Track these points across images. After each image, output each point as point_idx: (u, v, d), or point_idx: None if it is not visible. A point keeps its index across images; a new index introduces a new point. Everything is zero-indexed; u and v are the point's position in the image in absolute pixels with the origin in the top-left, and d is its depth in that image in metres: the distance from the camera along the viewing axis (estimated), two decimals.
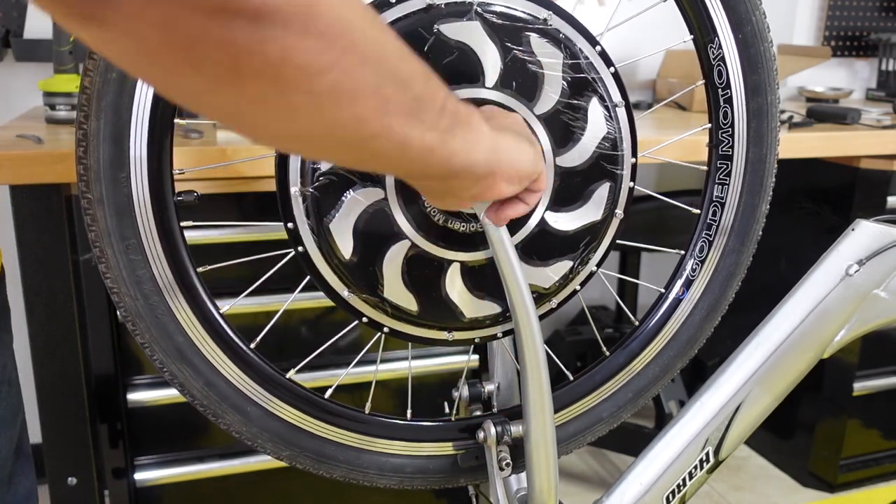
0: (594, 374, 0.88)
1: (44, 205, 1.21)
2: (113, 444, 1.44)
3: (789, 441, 2.11)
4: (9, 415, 0.74)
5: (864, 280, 0.84)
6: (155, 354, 0.72)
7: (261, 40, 0.36)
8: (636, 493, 0.85)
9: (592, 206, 0.76)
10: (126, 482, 1.44)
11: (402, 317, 0.75)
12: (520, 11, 0.71)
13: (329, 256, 0.71)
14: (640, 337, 0.89)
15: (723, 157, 0.86)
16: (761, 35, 0.83)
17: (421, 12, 0.68)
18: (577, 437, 0.88)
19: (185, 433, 1.46)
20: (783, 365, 0.86)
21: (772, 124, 0.85)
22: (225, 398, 0.75)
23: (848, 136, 1.77)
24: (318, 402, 0.79)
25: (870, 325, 0.86)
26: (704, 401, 0.87)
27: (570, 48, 0.72)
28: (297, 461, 0.79)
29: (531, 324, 0.73)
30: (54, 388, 1.32)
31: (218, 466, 1.47)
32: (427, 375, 1.54)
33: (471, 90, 0.69)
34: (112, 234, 0.68)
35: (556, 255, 0.77)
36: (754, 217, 0.88)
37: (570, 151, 0.74)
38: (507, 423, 0.81)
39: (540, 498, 0.79)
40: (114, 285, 0.69)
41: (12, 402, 0.75)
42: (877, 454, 2.06)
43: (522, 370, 0.75)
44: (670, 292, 0.89)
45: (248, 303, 0.98)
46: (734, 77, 0.83)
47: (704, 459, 0.86)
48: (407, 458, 0.83)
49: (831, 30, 2.48)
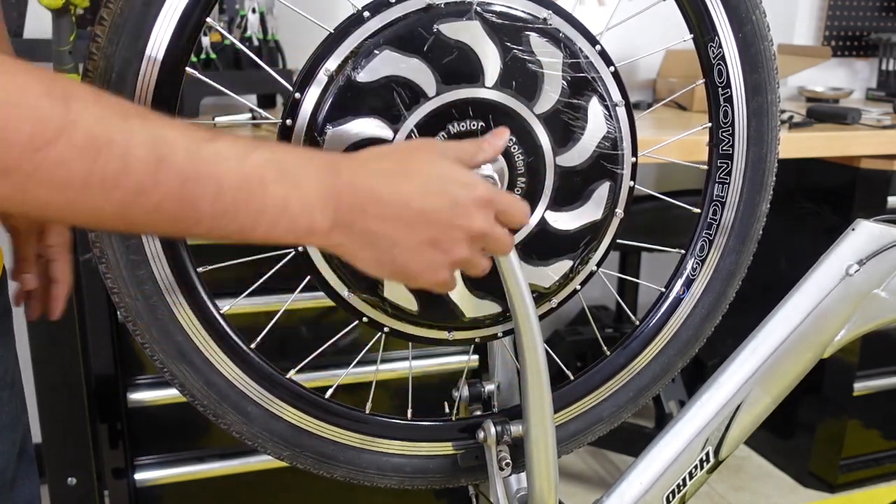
0: (594, 374, 0.88)
1: None
2: (113, 444, 1.44)
3: (789, 441, 2.11)
4: (11, 418, 0.74)
5: (864, 280, 0.84)
6: (155, 354, 0.72)
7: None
8: (636, 493, 0.85)
9: (592, 205, 0.76)
10: (126, 482, 1.44)
11: (403, 317, 0.75)
12: (519, 11, 0.71)
13: (329, 256, 0.71)
14: (641, 337, 0.89)
15: (723, 157, 0.86)
16: (761, 34, 0.83)
17: (420, 12, 0.68)
18: (577, 437, 0.88)
19: (185, 433, 1.46)
20: (783, 365, 0.86)
21: (772, 123, 0.85)
22: (225, 398, 0.75)
23: (848, 136, 1.77)
24: (319, 402, 0.79)
25: (870, 325, 0.86)
26: (704, 401, 0.87)
27: (569, 47, 0.72)
28: (298, 461, 0.79)
29: (531, 323, 0.73)
30: (54, 388, 1.32)
31: (218, 466, 1.47)
32: (427, 375, 1.54)
33: (471, 90, 0.69)
34: (112, 234, 0.68)
35: (556, 254, 0.77)
36: (755, 216, 0.88)
37: (570, 151, 0.74)
38: (507, 422, 0.81)
39: (540, 498, 0.79)
40: (114, 285, 0.69)
41: (15, 405, 0.75)
42: (877, 454, 2.06)
43: (522, 370, 0.75)
44: (671, 292, 0.89)
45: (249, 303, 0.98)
46: (734, 76, 0.83)
47: (704, 459, 0.86)
48: (407, 458, 0.83)
49: (831, 30, 2.48)
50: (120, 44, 0.62)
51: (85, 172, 0.44)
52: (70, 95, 0.44)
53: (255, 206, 0.51)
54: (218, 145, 0.50)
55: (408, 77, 0.67)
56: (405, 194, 0.56)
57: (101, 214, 0.47)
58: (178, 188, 0.47)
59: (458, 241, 0.58)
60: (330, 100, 0.66)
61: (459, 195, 0.58)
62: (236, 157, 0.50)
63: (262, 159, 0.51)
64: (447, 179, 0.58)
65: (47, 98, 0.43)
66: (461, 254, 0.59)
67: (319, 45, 0.68)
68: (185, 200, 0.48)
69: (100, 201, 0.45)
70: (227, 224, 0.51)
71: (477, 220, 0.59)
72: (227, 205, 0.50)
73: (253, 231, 0.52)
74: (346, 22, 0.68)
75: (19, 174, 0.42)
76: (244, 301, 0.87)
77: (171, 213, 0.48)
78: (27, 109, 0.42)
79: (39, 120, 0.42)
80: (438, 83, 0.68)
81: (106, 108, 0.45)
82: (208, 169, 0.48)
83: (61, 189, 0.44)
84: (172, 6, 0.63)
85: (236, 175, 0.50)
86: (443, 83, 0.68)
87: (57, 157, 0.43)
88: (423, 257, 0.58)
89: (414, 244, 0.57)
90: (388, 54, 0.67)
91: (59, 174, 0.43)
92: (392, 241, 0.56)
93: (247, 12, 1.72)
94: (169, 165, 0.47)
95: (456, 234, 0.58)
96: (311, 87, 0.67)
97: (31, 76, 0.43)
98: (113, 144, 0.45)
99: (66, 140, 0.43)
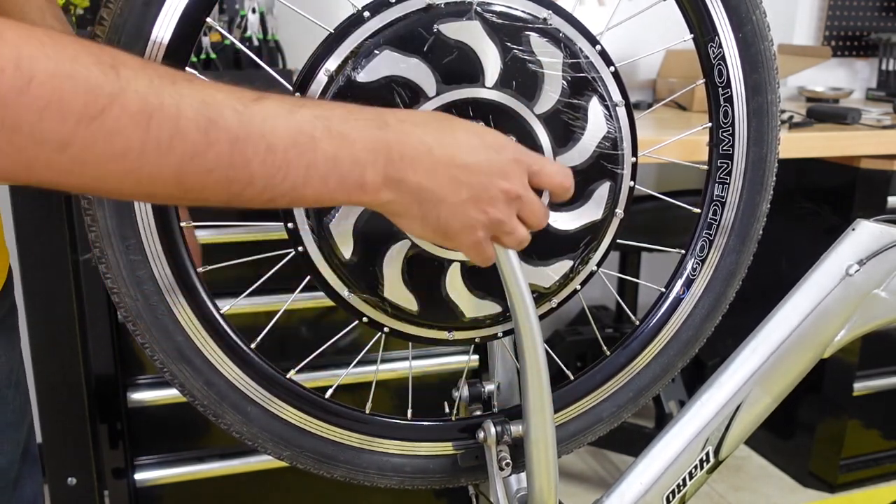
0: (594, 374, 0.88)
1: (44, 205, 1.21)
2: (113, 444, 1.44)
3: (789, 441, 2.11)
4: (16, 418, 0.74)
5: (864, 280, 0.84)
6: (155, 354, 0.72)
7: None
8: (636, 493, 0.85)
9: (593, 205, 0.76)
10: (126, 482, 1.44)
11: (403, 317, 0.75)
12: (520, 11, 0.71)
13: (329, 256, 0.71)
14: (641, 337, 0.89)
15: (723, 157, 0.86)
16: (762, 34, 0.83)
17: (420, 12, 0.68)
18: (577, 437, 0.88)
19: (185, 433, 1.46)
20: (783, 365, 0.86)
21: (772, 123, 0.85)
22: (225, 398, 0.75)
23: (848, 136, 1.77)
24: (319, 402, 0.79)
25: (870, 325, 0.86)
26: (704, 401, 0.86)
27: (569, 47, 0.72)
28: (298, 461, 0.79)
29: (531, 323, 0.73)
30: (54, 388, 1.32)
31: (218, 466, 1.47)
32: (427, 375, 1.54)
33: (471, 90, 0.69)
34: (112, 234, 0.68)
35: (557, 254, 0.77)
36: (755, 216, 0.88)
37: (570, 151, 0.74)
38: (507, 422, 0.81)
39: (540, 498, 0.79)
40: (114, 285, 0.69)
41: (19, 404, 0.75)
42: (877, 454, 2.06)
43: (522, 370, 0.75)
44: (671, 292, 0.89)
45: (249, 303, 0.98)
46: (734, 76, 0.83)
47: (704, 459, 0.86)
48: (407, 458, 0.83)
49: (831, 30, 2.48)
50: (120, 44, 0.62)
51: (140, 138, 0.44)
52: (119, 63, 0.44)
53: (306, 161, 0.51)
54: (265, 104, 0.50)
55: (408, 77, 0.67)
56: (452, 146, 0.57)
57: (157, 182, 0.47)
58: (229, 149, 0.48)
59: (496, 200, 0.59)
60: (330, 100, 0.66)
61: (497, 152, 0.59)
62: (284, 115, 0.50)
63: (310, 115, 0.51)
64: (485, 135, 0.60)
65: (97, 67, 0.43)
66: (498, 214, 0.59)
67: (319, 45, 0.68)
68: (237, 161, 0.48)
69: (156, 168, 0.46)
70: (279, 183, 0.50)
71: (514, 179, 0.60)
72: (278, 163, 0.50)
73: (304, 188, 0.52)
74: (346, 22, 0.68)
75: (76, 146, 0.42)
76: (244, 301, 0.87)
77: (224, 174, 0.48)
78: (79, 79, 0.41)
79: (91, 88, 0.42)
80: (438, 83, 0.68)
81: (154, 73, 0.46)
82: (258, 128, 0.49)
83: (119, 158, 0.44)
84: (172, 6, 0.63)
85: (285, 132, 0.50)
86: (443, 83, 0.68)
87: (112, 125, 0.43)
88: (465, 215, 0.58)
89: (458, 201, 0.57)
90: (389, 54, 0.67)
91: (116, 142, 0.43)
92: (438, 198, 0.57)
93: (247, 12, 1.72)
94: (219, 126, 0.47)
95: (494, 191, 0.59)
96: (311, 87, 0.67)
97: (81, 46, 0.43)
98: (164, 108, 0.45)
99: (119, 107, 0.43)
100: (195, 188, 0.48)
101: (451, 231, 0.59)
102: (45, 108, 0.40)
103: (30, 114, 0.40)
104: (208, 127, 0.47)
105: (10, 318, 0.75)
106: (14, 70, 0.39)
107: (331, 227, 0.70)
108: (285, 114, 0.50)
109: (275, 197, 0.51)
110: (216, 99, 0.48)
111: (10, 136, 0.40)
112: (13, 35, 0.40)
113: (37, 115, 0.40)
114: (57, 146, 0.42)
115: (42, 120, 0.41)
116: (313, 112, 0.52)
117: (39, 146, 0.41)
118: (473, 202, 0.58)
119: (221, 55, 1.69)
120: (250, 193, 0.50)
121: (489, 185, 0.58)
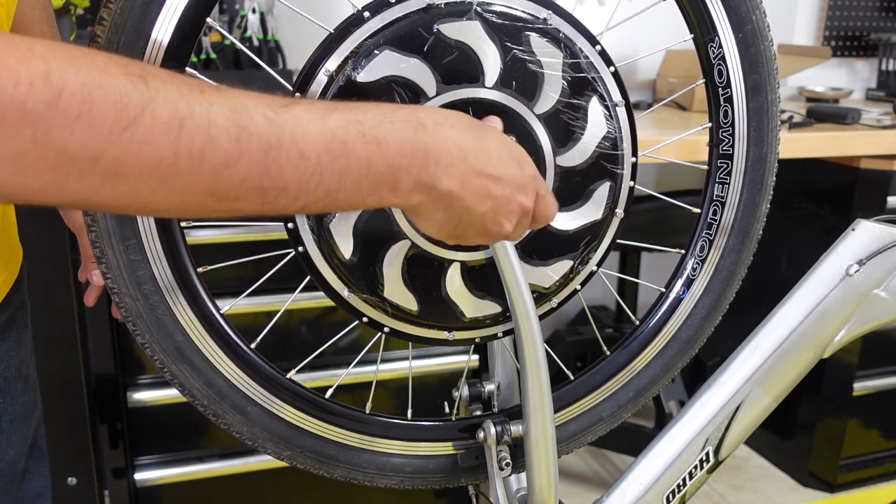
0: (594, 374, 0.88)
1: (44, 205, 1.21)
2: (113, 444, 1.44)
3: (789, 441, 2.11)
4: (25, 411, 0.74)
5: (864, 280, 0.84)
6: (155, 354, 0.72)
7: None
8: (636, 493, 0.85)
9: (593, 205, 0.76)
10: (126, 482, 1.44)
11: (403, 317, 0.75)
12: (520, 11, 0.71)
13: (329, 256, 0.71)
14: (641, 337, 0.89)
15: (723, 157, 0.86)
16: (762, 34, 0.83)
17: (420, 12, 0.68)
18: (577, 437, 0.88)
19: (185, 433, 1.46)
20: (783, 365, 0.86)
21: (772, 123, 0.85)
22: (225, 398, 0.75)
23: (848, 136, 1.77)
24: (319, 402, 0.79)
25: (870, 325, 0.86)
26: (704, 401, 0.86)
27: (569, 47, 0.72)
28: (298, 461, 0.79)
29: (531, 323, 0.73)
30: (54, 388, 1.32)
31: (218, 466, 1.47)
32: (427, 375, 1.54)
33: (471, 90, 0.69)
34: (112, 234, 0.68)
35: (557, 254, 0.77)
36: (755, 216, 0.88)
37: (570, 151, 0.74)
38: (507, 422, 0.81)
39: (540, 498, 0.79)
40: (114, 285, 0.69)
41: (28, 398, 0.75)
42: (877, 454, 2.06)
43: (522, 370, 0.75)
44: (671, 292, 0.89)
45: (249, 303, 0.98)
46: (734, 76, 0.83)
47: (704, 459, 0.86)
48: (407, 458, 0.83)
49: (831, 30, 2.48)
50: (120, 44, 0.62)
51: (172, 148, 0.44)
52: (147, 73, 0.44)
53: (339, 167, 0.50)
54: (296, 110, 0.49)
55: (408, 77, 0.67)
56: (485, 155, 0.57)
57: (191, 192, 0.46)
58: (262, 157, 0.47)
59: (513, 214, 0.60)
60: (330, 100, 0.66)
61: (520, 167, 0.60)
62: (316, 120, 0.50)
63: (342, 120, 0.51)
64: (510, 147, 0.60)
65: (126, 77, 0.42)
66: (510, 227, 0.60)
67: (319, 45, 0.68)
68: (270, 168, 0.48)
69: (189, 178, 0.45)
70: (312, 189, 0.50)
71: (531, 195, 0.61)
72: (311, 169, 0.49)
73: (338, 194, 0.51)
74: (346, 22, 0.68)
75: (108, 158, 0.42)
76: (244, 301, 0.87)
77: (258, 182, 0.48)
78: (109, 90, 0.41)
79: (121, 98, 0.42)
80: (438, 83, 0.68)
81: (182, 83, 0.45)
82: (290, 134, 0.48)
83: (152, 169, 0.43)
84: (172, 6, 0.63)
85: (318, 138, 0.49)
86: (443, 83, 0.68)
87: (143, 135, 0.42)
88: (483, 225, 0.59)
89: (481, 212, 0.58)
90: (389, 54, 0.67)
91: (148, 152, 0.43)
92: (465, 206, 0.57)
93: (247, 12, 1.73)
94: (250, 134, 0.47)
95: (514, 205, 0.59)
96: (311, 87, 0.67)
97: (109, 58, 0.43)
98: (195, 116, 0.44)
99: (150, 116, 0.42)
100: (229, 197, 0.48)
101: (465, 236, 0.60)
102: (76, 121, 0.40)
103: (61, 127, 0.40)
104: (240, 134, 0.46)
105: (21, 313, 0.75)
106: (44, 84, 0.39)
107: (331, 227, 0.70)
108: (317, 119, 0.50)
109: (308, 204, 0.51)
110: (246, 106, 0.47)
111: (43, 152, 0.40)
112: (42, 49, 0.39)
113: (68, 128, 0.40)
114: (89, 159, 0.41)
115: (73, 133, 0.40)
116: (346, 116, 0.51)
117: (72, 161, 0.41)
118: (493, 213, 0.59)
119: (221, 55, 1.69)
120: (284, 201, 0.50)
121: (511, 199, 0.59)
